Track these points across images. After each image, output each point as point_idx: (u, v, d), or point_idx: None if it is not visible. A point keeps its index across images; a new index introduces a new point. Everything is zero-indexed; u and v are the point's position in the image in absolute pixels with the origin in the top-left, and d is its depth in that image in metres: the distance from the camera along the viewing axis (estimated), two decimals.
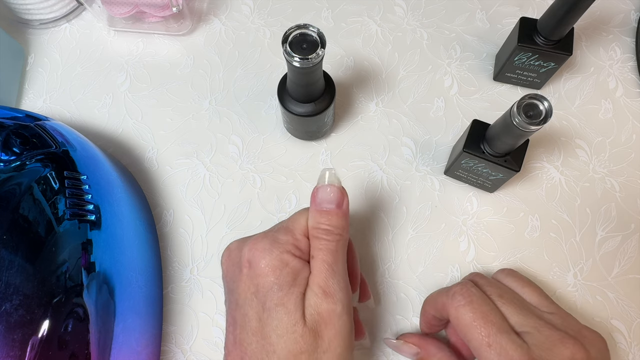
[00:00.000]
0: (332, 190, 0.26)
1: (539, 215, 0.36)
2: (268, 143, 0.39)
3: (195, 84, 0.42)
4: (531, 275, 0.35)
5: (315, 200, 0.27)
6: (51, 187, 0.28)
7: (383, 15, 0.44)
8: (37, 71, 0.43)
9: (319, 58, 0.28)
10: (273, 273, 0.24)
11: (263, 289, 0.24)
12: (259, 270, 0.25)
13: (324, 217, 0.26)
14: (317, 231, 0.26)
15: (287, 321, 0.24)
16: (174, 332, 0.34)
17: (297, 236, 0.26)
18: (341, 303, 0.25)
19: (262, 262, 0.25)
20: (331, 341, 0.24)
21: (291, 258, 0.25)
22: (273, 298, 0.24)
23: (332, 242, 0.26)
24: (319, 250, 0.26)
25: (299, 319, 0.24)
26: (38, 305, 0.25)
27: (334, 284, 0.25)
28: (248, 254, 0.26)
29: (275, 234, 0.26)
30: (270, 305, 0.24)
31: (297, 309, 0.24)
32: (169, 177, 0.39)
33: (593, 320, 0.34)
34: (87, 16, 0.45)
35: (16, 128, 0.30)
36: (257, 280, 0.25)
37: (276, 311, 0.24)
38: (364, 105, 0.41)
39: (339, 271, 0.26)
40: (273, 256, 0.25)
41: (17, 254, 0.25)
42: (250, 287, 0.25)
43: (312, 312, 0.24)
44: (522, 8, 0.44)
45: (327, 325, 0.24)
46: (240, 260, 0.26)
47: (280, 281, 0.24)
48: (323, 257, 0.25)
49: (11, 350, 0.23)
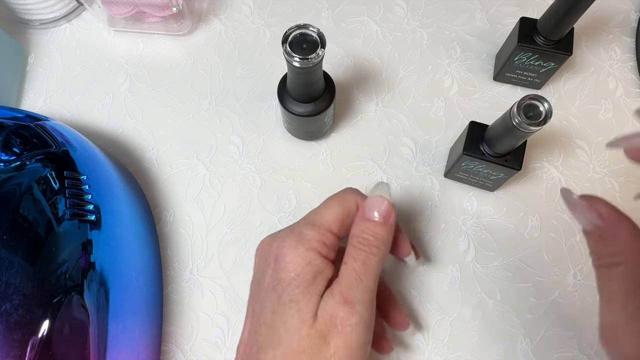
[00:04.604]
0: (384, 203, 0.26)
1: (539, 215, 0.36)
2: (268, 143, 0.39)
3: (195, 84, 0.42)
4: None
5: (365, 209, 0.26)
6: (51, 187, 0.28)
7: (383, 15, 0.44)
8: (37, 71, 0.43)
9: (319, 58, 0.28)
10: (294, 270, 0.25)
11: (282, 283, 0.25)
12: (283, 265, 0.25)
13: (370, 226, 0.26)
14: (358, 240, 0.26)
15: (297, 318, 0.24)
16: (174, 332, 0.34)
17: (323, 231, 0.26)
18: (359, 315, 0.24)
19: (287, 258, 0.25)
20: (337, 350, 0.23)
21: (315, 256, 0.25)
22: (289, 293, 0.24)
23: (370, 255, 0.25)
24: (353, 259, 0.25)
25: (308, 319, 0.24)
26: (38, 305, 0.25)
27: (357, 294, 0.24)
28: (276, 250, 0.26)
29: (302, 229, 0.26)
30: (285, 300, 0.24)
31: (309, 308, 0.24)
32: (169, 177, 0.39)
33: (593, 320, 0.34)
34: (87, 16, 0.45)
35: (16, 128, 0.30)
36: (280, 274, 0.25)
37: (289, 307, 0.24)
38: (364, 105, 0.41)
39: (368, 284, 0.25)
40: (298, 253, 0.25)
41: (17, 254, 0.25)
42: (272, 281, 0.25)
43: (325, 316, 0.24)
44: (522, 8, 0.44)
45: (337, 334, 0.23)
46: (269, 255, 0.26)
47: (300, 278, 0.24)
48: (355, 266, 0.25)
49: (11, 350, 0.23)
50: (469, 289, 0.35)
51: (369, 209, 0.26)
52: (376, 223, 0.26)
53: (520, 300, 0.34)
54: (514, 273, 0.35)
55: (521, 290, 0.34)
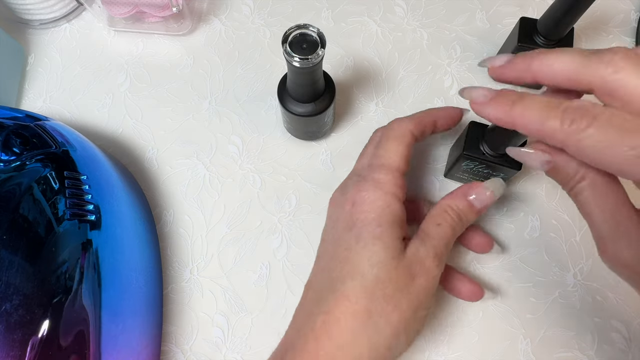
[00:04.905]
0: (488, 196, 0.29)
1: (539, 215, 0.36)
2: (268, 143, 0.39)
3: (195, 84, 0.42)
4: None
5: (469, 189, 0.29)
6: (51, 187, 0.28)
7: (383, 15, 0.44)
8: (37, 71, 0.43)
9: (319, 58, 0.28)
10: (375, 211, 0.26)
11: (361, 223, 0.26)
12: (362, 208, 0.27)
13: (466, 207, 0.28)
14: (454, 210, 0.28)
15: (384, 254, 0.25)
16: (174, 332, 0.34)
17: (395, 173, 0.28)
18: (439, 271, 0.27)
19: (367, 201, 0.27)
20: (420, 289, 0.26)
21: (394, 201, 0.27)
22: (371, 232, 0.26)
23: (457, 228, 0.28)
24: (447, 224, 0.28)
25: (396, 255, 0.25)
26: (38, 305, 0.25)
27: (444, 254, 0.27)
28: (353, 195, 0.27)
29: (374, 175, 0.28)
30: (366, 237, 0.26)
31: (395, 246, 0.26)
32: (169, 177, 0.39)
33: (593, 320, 0.34)
34: (87, 16, 0.45)
35: (16, 128, 0.30)
36: (357, 216, 0.26)
37: (373, 244, 0.25)
38: (364, 105, 0.41)
39: (449, 249, 0.28)
40: (377, 195, 0.27)
41: (17, 254, 0.25)
42: (349, 222, 0.27)
43: (413, 259, 0.26)
44: (522, 8, 0.44)
45: (421, 277, 0.26)
46: (344, 202, 0.28)
47: (381, 219, 0.26)
48: (447, 230, 0.27)
49: (11, 350, 0.23)
50: None
51: (475, 191, 0.29)
52: (471, 207, 0.28)
53: (521, 300, 0.34)
54: (514, 273, 0.35)
55: (521, 290, 0.34)
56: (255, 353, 0.33)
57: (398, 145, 0.29)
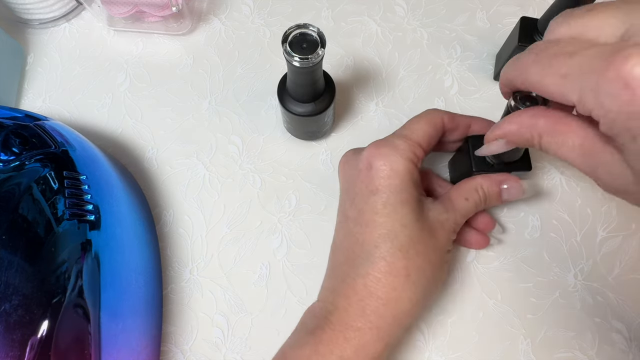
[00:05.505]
0: (519, 190, 0.31)
1: (540, 215, 0.36)
2: (268, 143, 0.39)
3: (195, 83, 0.42)
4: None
5: (506, 179, 0.31)
6: (50, 187, 0.28)
7: (383, 15, 0.44)
8: (37, 71, 0.43)
9: (319, 58, 0.28)
10: (397, 176, 0.28)
11: (385, 188, 0.28)
12: (381, 172, 0.28)
13: (495, 192, 0.31)
14: (480, 188, 0.30)
15: (412, 216, 0.28)
16: (174, 332, 0.34)
17: (414, 144, 0.29)
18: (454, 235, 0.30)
19: (385, 165, 0.28)
20: (442, 245, 0.29)
21: (412, 166, 0.28)
22: (397, 197, 0.28)
23: (478, 206, 0.31)
24: (473, 201, 0.30)
25: (420, 217, 0.28)
26: (37, 305, 0.25)
27: (461, 224, 0.30)
28: (368, 157, 0.29)
29: (394, 140, 0.29)
30: (394, 202, 0.28)
31: (418, 208, 0.28)
32: (169, 177, 0.38)
33: (594, 320, 0.33)
34: (86, 16, 0.45)
35: (15, 128, 0.30)
36: (379, 181, 0.28)
37: (401, 207, 0.28)
38: (364, 105, 0.41)
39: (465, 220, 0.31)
40: (394, 159, 0.28)
41: (16, 254, 0.25)
42: (369, 185, 0.28)
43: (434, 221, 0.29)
44: (522, 8, 0.44)
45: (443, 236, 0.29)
46: (359, 163, 0.29)
47: (404, 184, 0.28)
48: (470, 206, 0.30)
49: (11, 351, 0.23)
50: (469, 289, 0.35)
51: (510, 183, 0.31)
52: (499, 195, 0.31)
53: (521, 301, 0.34)
54: (515, 273, 0.35)
55: (521, 291, 0.34)
56: (255, 353, 0.33)
57: (425, 124, 0.30)
